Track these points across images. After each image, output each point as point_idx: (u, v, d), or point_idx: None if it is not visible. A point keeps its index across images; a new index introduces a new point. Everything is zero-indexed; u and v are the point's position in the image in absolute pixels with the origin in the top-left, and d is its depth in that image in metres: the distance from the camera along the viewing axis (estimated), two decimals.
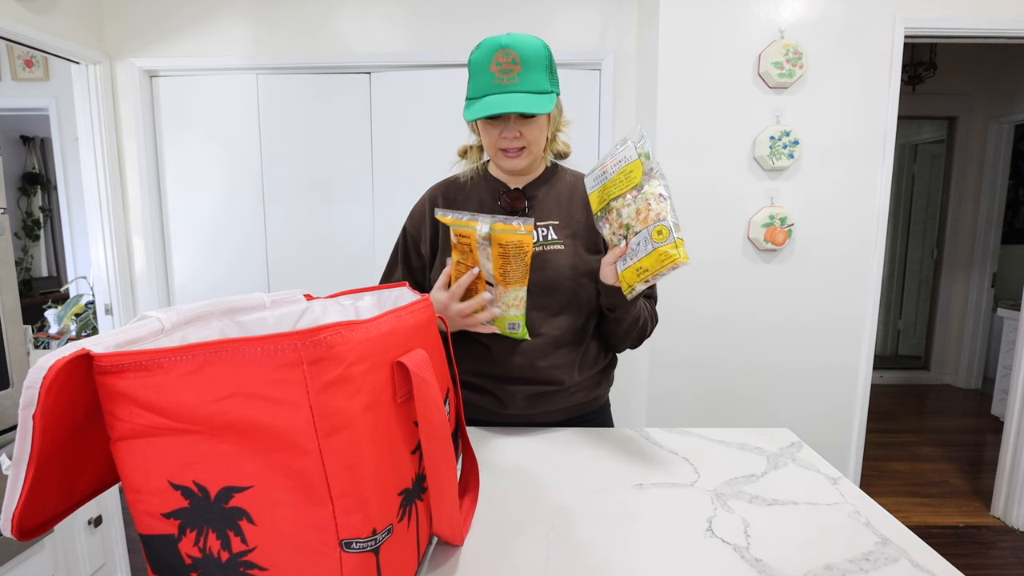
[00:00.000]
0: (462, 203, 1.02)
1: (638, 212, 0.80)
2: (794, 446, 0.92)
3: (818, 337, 2.09)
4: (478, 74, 0.90)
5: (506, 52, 0.87)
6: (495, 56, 0.87)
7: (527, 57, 0.87)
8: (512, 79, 0.87)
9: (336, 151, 2.35)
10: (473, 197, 1.02)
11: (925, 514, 2.34)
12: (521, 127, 0.92)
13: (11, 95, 3.00)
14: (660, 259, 0.78)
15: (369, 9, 2.26)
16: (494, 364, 0.98)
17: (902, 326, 4.53)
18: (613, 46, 2.25)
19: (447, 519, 0.57)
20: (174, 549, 0.43)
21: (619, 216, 0.83)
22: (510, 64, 0.87)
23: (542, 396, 0.99)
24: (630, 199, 0.81)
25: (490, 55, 0.88)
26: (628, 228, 0.82)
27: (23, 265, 3.87)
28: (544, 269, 0.97)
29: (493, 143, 0.95)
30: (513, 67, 0.87)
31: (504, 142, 0.94)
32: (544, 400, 0.99)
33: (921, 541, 0.64)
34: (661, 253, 0.78)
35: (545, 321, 0.97)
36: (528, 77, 0.87)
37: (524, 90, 0.87)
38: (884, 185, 2.02)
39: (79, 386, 0.41)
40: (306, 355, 0.41)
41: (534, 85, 0.88)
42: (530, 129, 0.92)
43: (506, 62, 0.87)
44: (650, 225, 0.79)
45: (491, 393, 1.00)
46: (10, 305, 1.21)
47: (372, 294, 0.76)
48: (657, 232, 0.78)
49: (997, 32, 2.01)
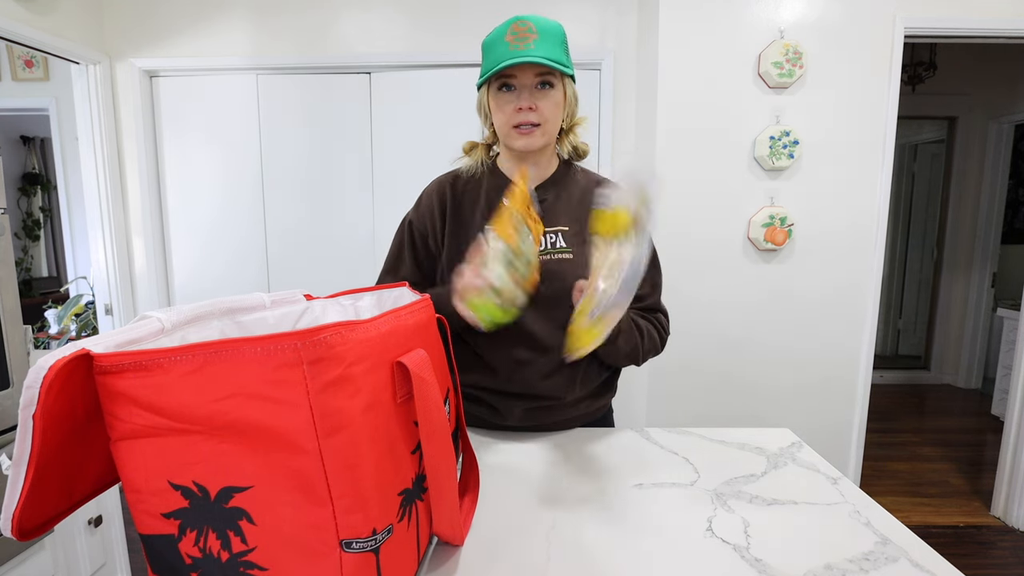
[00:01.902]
0: (471, 201, 0.97)
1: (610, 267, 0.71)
2: (794, 446, 0.92)
3: (818, 337, 2.09)
4: (492, 48, 0.87)
5: (522, 22, 0.85)
6: (510, 27, 0.85)
7: (543, 28, 0.85)
8: (528, 45, 0.84)
9: (336, 151, 2.35)
10: (481, 195, 0.97)
11: (925, 514, 2.34)
12: (537, 99, 0.87)
13: (11, 95, 3.00)
14: (575, 336, 0.73)
15: (369, 9, 2.26)
16: (494, 378, 0.95)
17: (902, 326, 4.53)
18: (613, 46, 2.25)
19: (447, 519, 0.57)
20: (174, 549, 0.43)
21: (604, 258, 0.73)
22: (526, 32, 0.84)
23: (541, 410, 0.96)
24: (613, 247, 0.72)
25: (505, 27, 0.86)
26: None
27: (23, 265, 3.87)
28: (550, 280, 0.91)
29: (507, 119, 0.89)
30: (529, 35, 0.84)
31: (518, 116, 0.88)
32: (543, 413, 0.96)
33: (921, 541, 0.64)
34: (578, 330, 0.72)
35: (551, 335, 0.92)
36: (545, 45, 0.84)
37: (541, 54, 0.84)
38: (884, 185, 2.02)
39: (79, 386, 0.41)
40: (306, 355, 0.41)
41: (551, 53, 0.85)
42: (546, 103, 0.88)
43: (522, 31, 0.84)
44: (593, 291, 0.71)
45: (489, 405, 0.97)
46: (10, 305, 1.21)
47: (372, 294, 0.76)
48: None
49: (997, 32, 2.01)
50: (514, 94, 0.88)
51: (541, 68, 0.86)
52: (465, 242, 0.94)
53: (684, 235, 2.04)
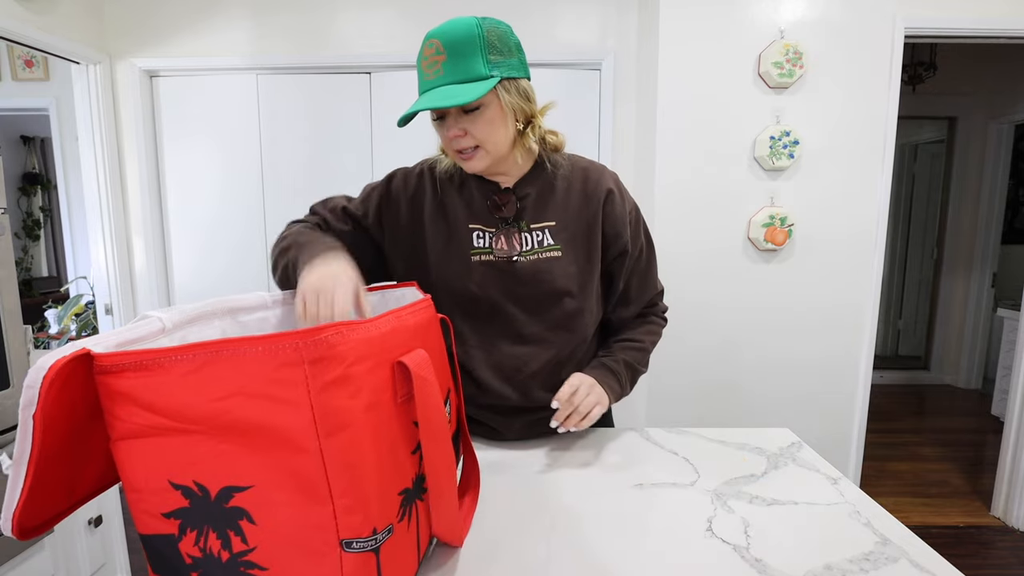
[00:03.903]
0: (450, 200, 0.91)
1: None
2: (794, 446, 0.92)
3: (818, 337, 2.09)
4: (418, 74, 0.81)
5: (430, 43, 0.77)
6: (422, 50, 0.79)
7: (452, 43, 0.76)
8: (437, 71, 0.77)
9: (336, 151, 2.35)
10: (461, 193, 0.91)
11: (925, 514, 2.34)
12: (465, 124, 0.79)
13: (11, 95, 3.00)
14: None
15: (369, 9, 2.26)
16: (487, 395, 0.91)
17: (902, 326, 4.53)
18: (613, 46, 2.25)
19: (447, 519, 0.57)
20: (174, 549, 0.43)
21: None
22: (434, 56, 0.77)
23: (542, 422, 0.90)
24: None
25: (421, 50, 0.79)
26: None
27: (23, 265, 3.87)
28: (539, 282, 0.87)
29: (447, 147, 0.84)
30: (437, 58, 0.77)
31: (454, 143, 0.82)
32: (543, 424, 0.90)
33: (921, 541, 0.64)
34: None
35: (543, 340, 0.90)
36: (455, 66, 0.76)
37: (451, 81, 0.76)
38: (884, 185, 2.02)
39: (80, 386, 0.41)
40: (307, 355, 0.41)
41: (463, 73, 0.76)
42: (476, 125, 0.79)
43: (431, 55, 0.77)
44: None
45: (487, 425, 0.95)
46: (10, 305, 1.21)
47: (374, 294, 0.76)
48: None
49: (997, 32, 2.01)
50: (445, 122, 0.82)
51: None
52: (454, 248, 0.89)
53: (684, 235, 2.04)
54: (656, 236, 1.06)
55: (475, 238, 0.89)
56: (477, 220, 0.90)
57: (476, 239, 0.89)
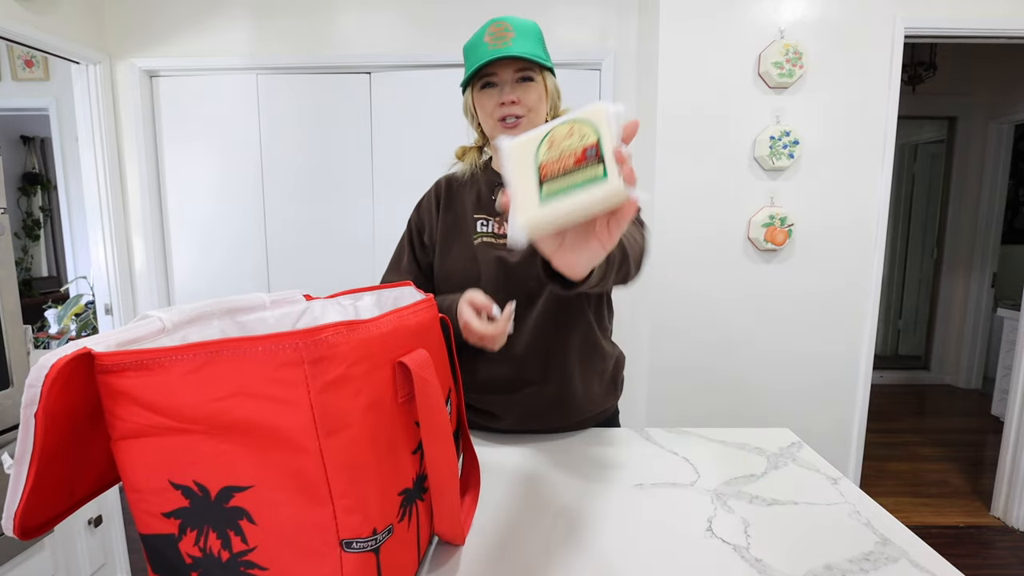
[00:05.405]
0: (462, 196, 1.00)
1: None
2: (794, 446, 0.92)
3: (818, 337, 2.09)
4: (472, 50, 0.89)
5: (499, 23, 0.87)
6: (488, 29, 0.88)
7: (521, 27, 0.87)
8: (507, 43, 0.86)
9: (336, 151, 2.35)
10: (471, 191, 1.00)
11: (925, 514, 2.34)
12: (519, 92, 0.88)
13: (11, 95, 3.00)
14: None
15: (369, 9, 2.26)
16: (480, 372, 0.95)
17: (902, 326, 4.53)
18: (613, 46, 2.25)
19: (448, 519, 0.57)
20: (174, 549, 0.43)
21: None
22: (503, 32, 0.86)
23: (540, 405, 0.96)
24: None
25: (483, 30, 0.88)
26: None
27: (23, 265, 3.87)
28: (533, 258, 0.90)
29: (490, 113, 0.91)
30: (507, 34, 0.86)
31: (502, 110, 0.89)
32: (542, 408, 0.96)
33: (921, 541, 0.64)
34: None
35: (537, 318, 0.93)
36: (522, 42, 0.86)
37: (520, 51, 0.86)
38: (884, 185, 2.02)
39: (80, 385, 0.41)
40: (307, 354, 0.41)
41: (529, 50, 0.87)
42: (528, 94, 0.89)
43: (499, 31, 0.87)
44: None
45: (486, 411, 0.97)
46: (10, 305, 1.21)
47: (371, 294, 0.76)
48: None
49: (997, 32, 2.01)
50: (496, 90, 0.90)
51: (520, 63, 0.88)
52: (456, 236, 0.97)
53: (684, 235, 2.04)
54: (656, 236, 1.06)
55: (479, 225, 0.97)
56: (483, 211, 0.97)
57: (480, 226, 0.97)
